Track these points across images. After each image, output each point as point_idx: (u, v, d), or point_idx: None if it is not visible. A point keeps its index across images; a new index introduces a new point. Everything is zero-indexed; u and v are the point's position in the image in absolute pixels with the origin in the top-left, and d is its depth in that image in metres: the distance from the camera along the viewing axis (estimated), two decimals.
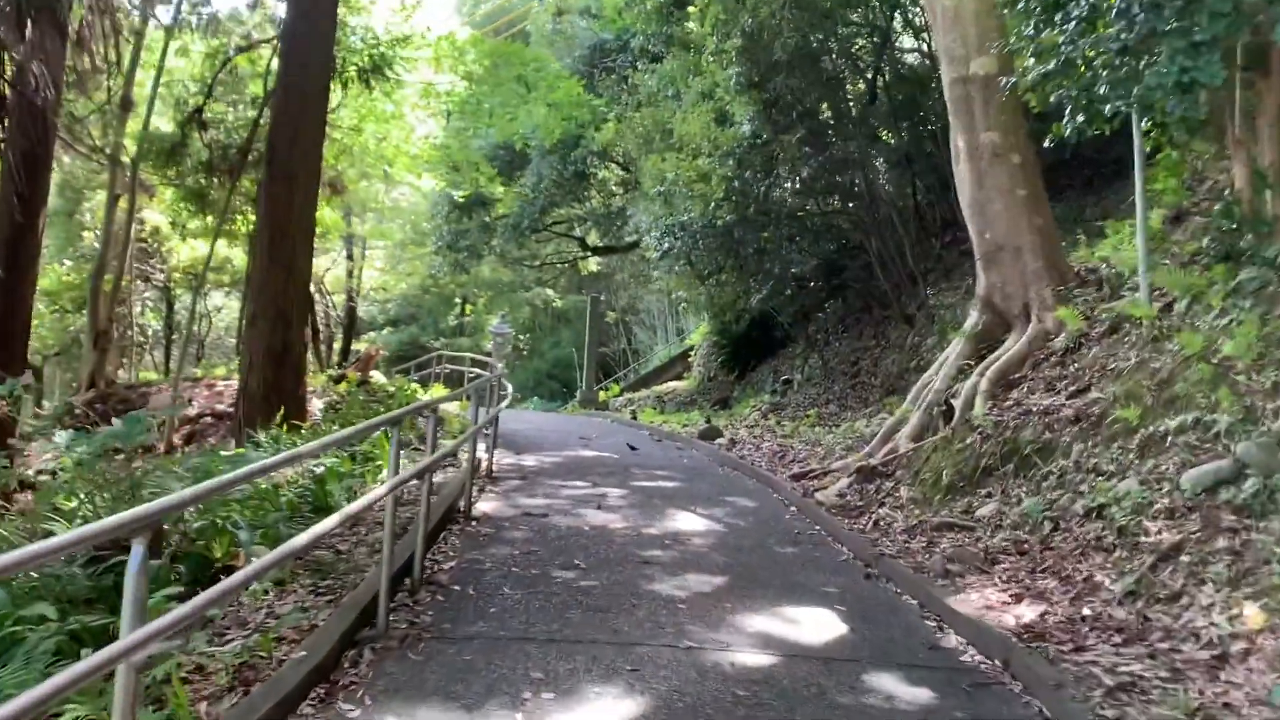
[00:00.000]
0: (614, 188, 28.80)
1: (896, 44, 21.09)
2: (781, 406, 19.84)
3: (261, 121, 16.62)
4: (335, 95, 16.44)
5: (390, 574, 5.40)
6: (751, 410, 20.15)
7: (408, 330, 50.60)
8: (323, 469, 8.47)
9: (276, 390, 12.35)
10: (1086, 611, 5.63)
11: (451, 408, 15.06)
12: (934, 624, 5.98)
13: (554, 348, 44.44)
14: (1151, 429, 6.80)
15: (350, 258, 32.63)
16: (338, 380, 15.57)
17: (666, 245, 19.85)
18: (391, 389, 16.57)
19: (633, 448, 14.26)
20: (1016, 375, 9.69)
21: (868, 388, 18.78)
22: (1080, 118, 7.68)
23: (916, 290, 18.93)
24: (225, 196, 17.51)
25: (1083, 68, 7.46)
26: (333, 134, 17.57)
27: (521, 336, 49.66)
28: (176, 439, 13.94)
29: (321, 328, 27.67)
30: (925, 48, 19.35)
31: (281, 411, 11.60)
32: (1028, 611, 5.80)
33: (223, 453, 9.34)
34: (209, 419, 14.55)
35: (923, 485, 9.20)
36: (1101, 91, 7.28)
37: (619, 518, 8.95)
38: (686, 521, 8.91)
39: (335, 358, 31.57)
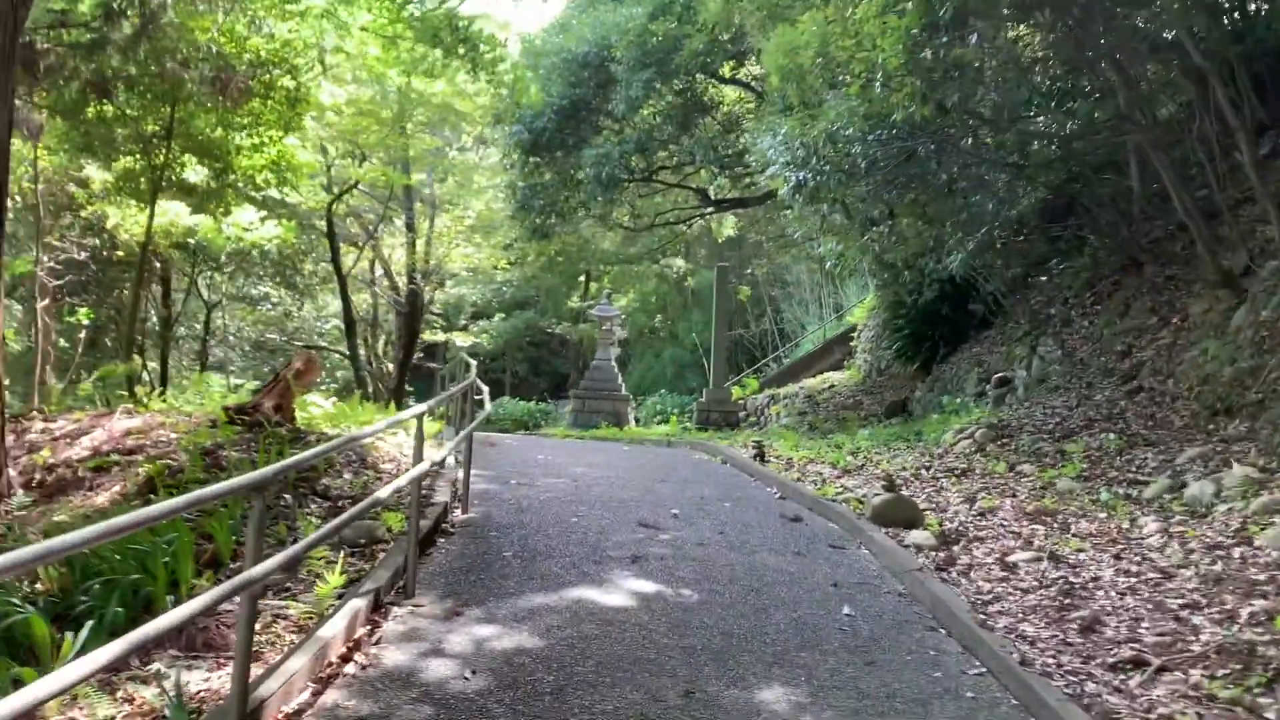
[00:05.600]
0: (737, 110, 21.22)
1: None
2: (1004, 427, 12.02)
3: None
4: None
5: None
6: (951, 432, 12.41)
7: (523, 316, 44.45)
8: None
9: None
10: None
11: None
12: None
13: (687, 332, 37.17)
14: None
15: (410, 227, 26.15)
16: (236, 415, 8.89)
17: (803, 176, 12.30)
18: (332, 428, 9.81)
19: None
20: None
21: (1165, 399, 10.82)
22: None
23: (1231, 234, 10.93)
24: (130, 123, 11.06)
25: None
26: None
27: (655, 319, 42.73)
28: None
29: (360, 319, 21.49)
30: None
31: None
32: None
33: None
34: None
35: None
36: None
37: None
38: None
39: (389, 363, 25.31)
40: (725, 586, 6.19)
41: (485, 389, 11.32)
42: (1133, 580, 5.72)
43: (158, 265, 17.10)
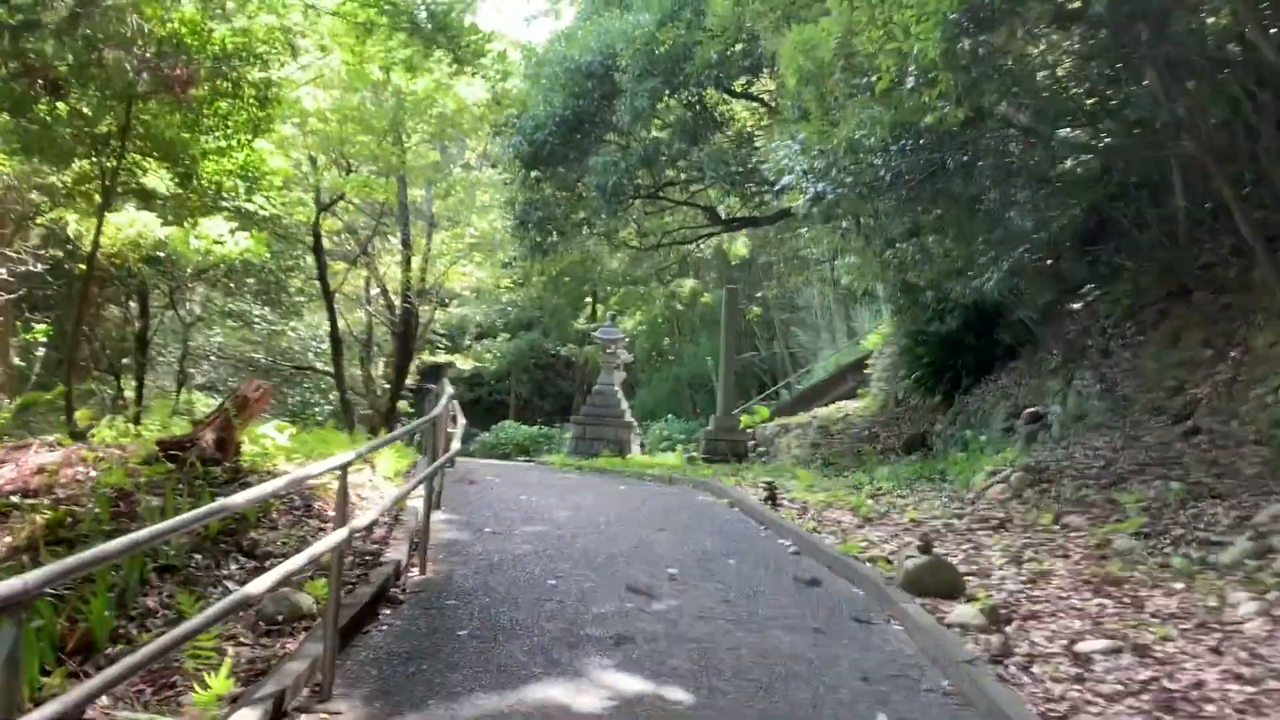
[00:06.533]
0: (749, 128, 20.07)
1: None
2: (1042, 470, 10.79)
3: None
4: None
5: None
6: (982, 475, 11.18)
7: (527, 337, 43.37)
8: None
9: None
10: None
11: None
12: None
13: (696, 356, 35.95)
14: None
15: (406, 244, 25.00)
16: (171, 450, 7.72)
17: (821, 188, 11.14)
18: (285, 464, 8.61)
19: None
20: None
21: (1230, 443, 9.60)
22: None
23: None
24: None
25: None
26: None
27: (664, 342, 41.58)
28: None
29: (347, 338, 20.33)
30: None
31: None
32: None
33: None
34: None
35: None
36: None
37: None
38: None
39: (380, 384, 24.16)
40: (729, 682, 4.97)
41: (460, 419, 10.16)
42: (1249, 690, 4.49)
43: (130, 280, 16.02)
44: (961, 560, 7.66)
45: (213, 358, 23.67)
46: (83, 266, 14.34)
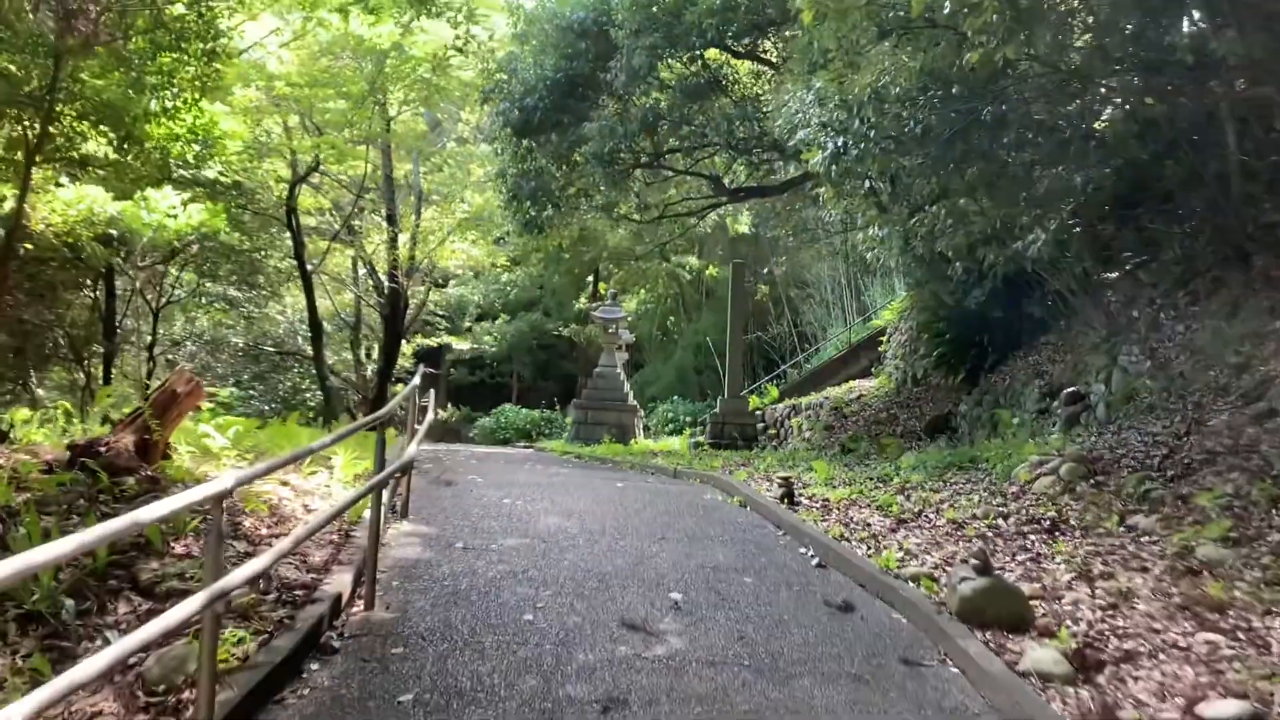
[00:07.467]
0: (755, 89, 18.67)
1: None
2: (1094, 460, 9.53)
3: None
4: None
5: None
6: (1026, 466, 9.89)
7: (528, 318, 42.15)
8: None
9: None
10: None
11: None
12: None
13: (701, 335, 34.67)
14: None
15: (392, 220, 23.63)
16: (78, 455, 6.48)
17: (841, 143, 9.84)
18: (223, 467, 7.39)
19: None
20: None
21: None
22: None
23: None
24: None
25: None
26: None
27: (667, 321, 40.31)
28: None
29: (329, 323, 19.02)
30: None
31: None
32: None
33: None
34: None
35: None
36: None
37: None
38: None
39: (369, 369, 22.87)
40: None
41: (430, 411, 8.89)
42: None
43: (85, 261, 14.77)
44: (1020, 576, 6.43)
45: (188, 343, 22.41)
46: (29, 245, 13.14)
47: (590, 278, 40.71)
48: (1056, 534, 7.69)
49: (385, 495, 8.00)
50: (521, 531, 7.68)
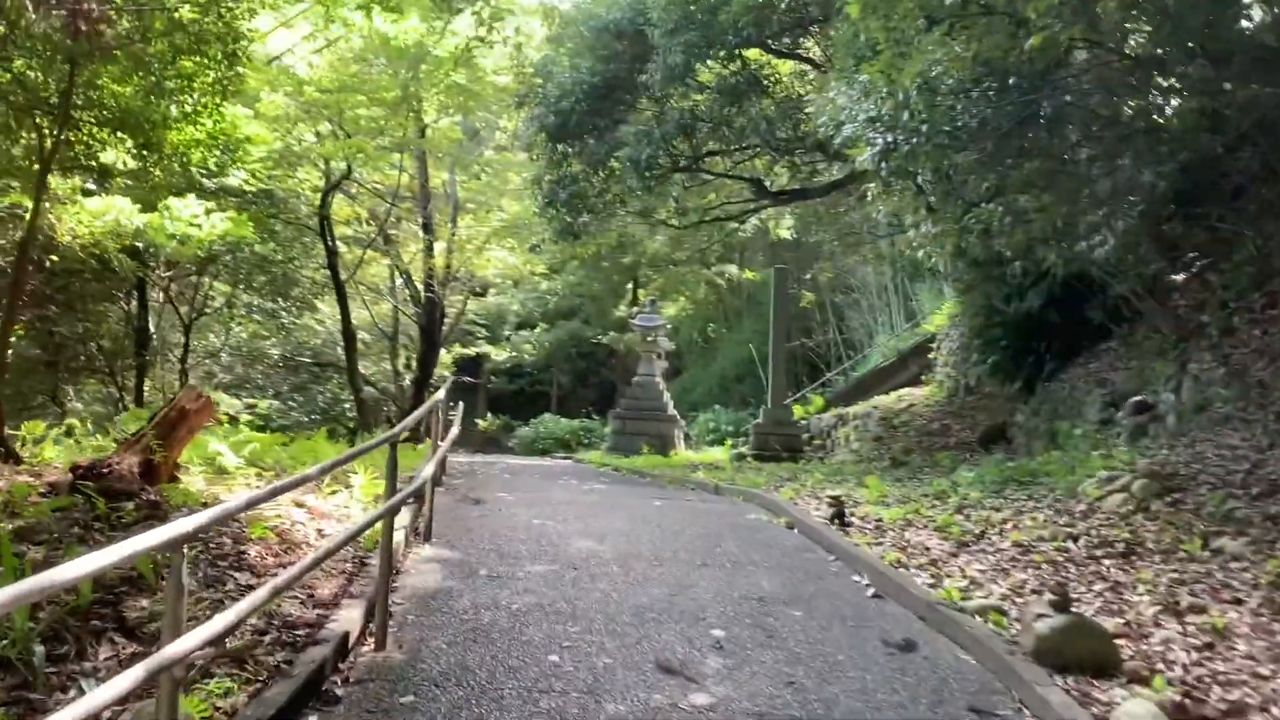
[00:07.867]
0: (796, 89, 18.09)
1: None
2: (1170, 476, 8.84)
3: None
4: None
5: None
6: (1094, 482, 9.21)
7: (567, 326, 41.79)
8: None
9: None
10: None
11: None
12: None
13: (743, 342, 34.02)
14: None
15: (427, 228, 23.31)
16: (85, 477, 6.10)
17: (891, 139, 9.27)
18: (235, 490, 6.97)
19: None
20: None
21: None
22: None
23: None
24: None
25: None
26: None
27: (708, 328, 39.71)
28: None
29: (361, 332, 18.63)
30: None
31: None
32: None
33: None
34: None
35: None
36: None
37: None
38: None
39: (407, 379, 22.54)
40: None
41: (455, 426, 8.43)
42: None
43: (116, 274, 14.57)
44: (1099, 609, 5.81)
45: (224, 355, 22.25)
46: (54, 258, 12.92)
47: (629, 284, 40.27)
48: (1134, 558, 7.04)
49: (407, 516, 7.54)
50: (551, 556, 7.17)
